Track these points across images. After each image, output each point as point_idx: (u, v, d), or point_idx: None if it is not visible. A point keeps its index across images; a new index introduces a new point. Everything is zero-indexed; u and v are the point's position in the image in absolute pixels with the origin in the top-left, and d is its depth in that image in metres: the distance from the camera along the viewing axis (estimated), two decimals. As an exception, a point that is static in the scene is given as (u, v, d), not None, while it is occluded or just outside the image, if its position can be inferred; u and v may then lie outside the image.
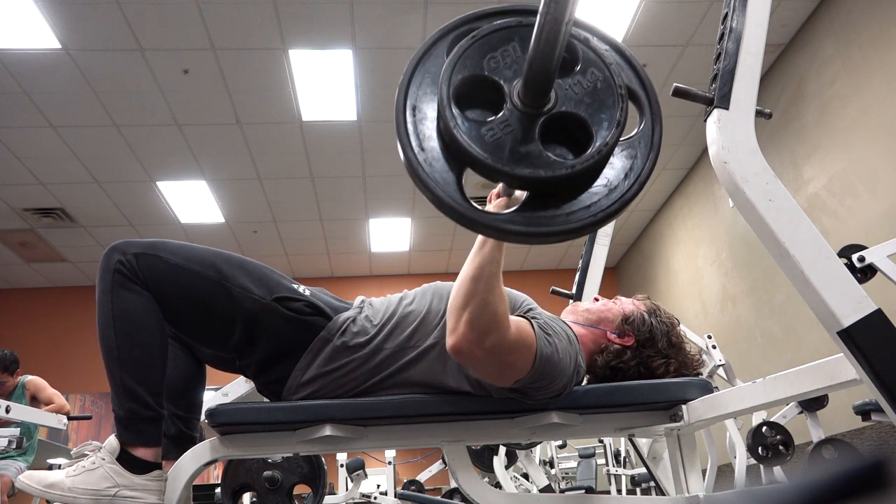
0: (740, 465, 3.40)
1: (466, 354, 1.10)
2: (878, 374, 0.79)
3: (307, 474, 2.12)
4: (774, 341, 5.30)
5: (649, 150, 0.81)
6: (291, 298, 1.28)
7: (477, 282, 1.09)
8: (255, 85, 4.97)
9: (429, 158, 0.75)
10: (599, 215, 0.77)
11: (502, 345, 1.09)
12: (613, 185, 0.79)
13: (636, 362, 1.37)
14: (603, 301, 1.48)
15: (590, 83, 0.78)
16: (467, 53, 0.77)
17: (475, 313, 1.08)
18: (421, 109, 0.78)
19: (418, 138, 0.76)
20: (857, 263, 2.53)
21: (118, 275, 1.23)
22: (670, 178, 6.82)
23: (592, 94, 0.78)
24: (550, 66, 0.71)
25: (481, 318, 1.07)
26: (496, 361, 1.12)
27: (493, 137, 0.74)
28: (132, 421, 1.22)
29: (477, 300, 1.08)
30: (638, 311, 1.42)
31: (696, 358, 1.45)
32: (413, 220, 7.28)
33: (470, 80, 0.76)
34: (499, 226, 0.76)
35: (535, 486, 3.67)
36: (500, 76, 0.77)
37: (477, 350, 1.08)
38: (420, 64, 0.80)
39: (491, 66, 0.77)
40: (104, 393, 7.63)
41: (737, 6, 0.95)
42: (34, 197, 6.17)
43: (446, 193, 0.74)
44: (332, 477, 4.35)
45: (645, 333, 1.39)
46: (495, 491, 1.36)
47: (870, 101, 4.16)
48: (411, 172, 0.75)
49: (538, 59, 0.71)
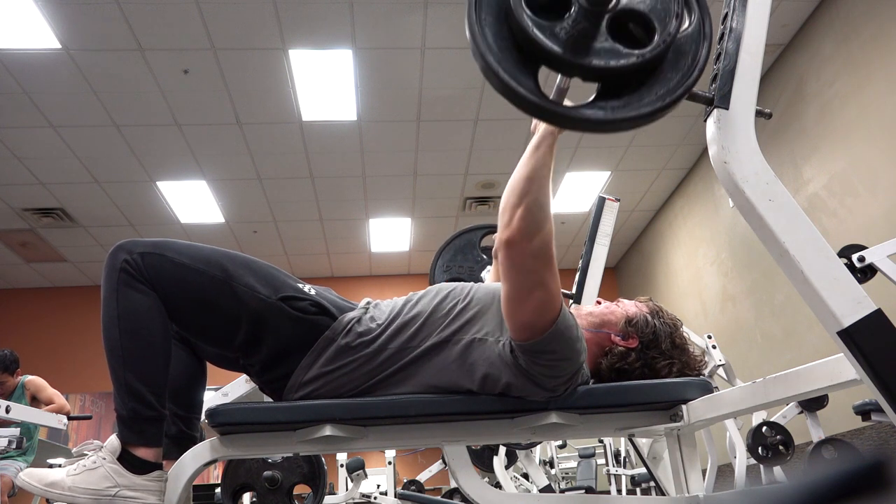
0: (740, 465, 3.40)
1: (517, 249, 1.14)
2: (878, 374, 0.79)
3: (307, 474, 2.12)
4: (774, 341, 5.30)
5: (702, 40, 0.88)
6: (297, 298, 1.28)
7: (531, 182, 1.15)
8: (255, 85, 4.97)
9: (505, 62, 0.81)
10: (668, 99, 0.83)
11: (547, 250, 1.15)
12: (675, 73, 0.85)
13: (640, 364, 1.37)
14: (605, 304, 1.48)
15: None
16: None
17: (529, 209, 1.13)
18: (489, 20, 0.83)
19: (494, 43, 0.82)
20: (857, 263, 2.53)
21: (124, 274, 1.23)
22: (670, 178, 6.82)
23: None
24: None
25: (535, 216, 1.14)
26: (537, 271, 1.15)
27: (566, 35, 0.80)
28: (134, 420, 1.22)
29: (531, 198, 1.14)
30: (641, 313, 1.42)
31: (700, 358, 1.45)
32: (413, 220, 7.28)
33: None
34: (580, 116, 0.81)
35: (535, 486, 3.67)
36: None
37: (527, 246, 1.14)
38: None
39: None
40: (104, 393, 7.63)
41: (737, 6, 0.95)
42: (34, 197, 6.18)
43: (527, 91, 0.79)
44: (332, 477, 4.35)
45: (649, 335, 1.39)
46: (495, 491, 1.36)
47: (870, 101, 4.16)
48: (492, 76, 0.80)
49: None
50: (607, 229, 2.36)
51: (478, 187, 6.69)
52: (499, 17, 0.83)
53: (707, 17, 0.89)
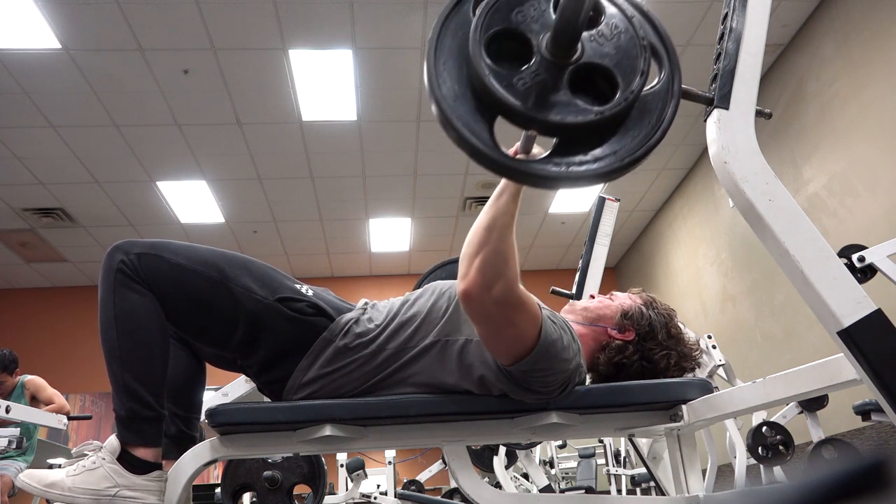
0: (740, 465, 3.40)
1: (475, 301, 1.11)
2: (878, 374, 0.79)
3: (307, 474, 2.12)
4: (774, 341, 5.30)
5: (669, 98, 0.86)
6: (294, 299, 1.28)
7: (490, 231, 1.11)
8: (255, 85, 4.97)
9: (461, 111, 0.79)
10: (626, 160, 0.80)
11: (510, 296, 1.11)
12: (638, 132, 0.83)
13: (638, 356, 1.38)
14: (599, 298, 1.48)
15: (613, 35, 0.83)
16: (496, 7, 0.80)
17: (487, 259, 1.10)
18: (450, 64, 0.81)
19: (451, 91, 0.79)
20: (857, 263, 2.53)
21: (120, 274, 1.23)
22: (670, 178, 6.82)
23: (616, 45, 0.82)
24: (579, 19, 0.76)
25: (493, 266, 1.09)
26: (503, 315, 1.12)
27: (525, 87, 0.78)
28: (133, 421, 1.22)
29: (489, 248, 1.10)
30: (635, 305, 1.43)
31: (696, 347, 1.46)
32: (413, 220, 7.28)
33: (499, 33, 0.80)
34: (532, 171, 0.79)
35: (535, 486, 3.67)
36: (528, 29, 0.80)
37: (486, 296, 1.10)
38: (448, 20, 0.83)
39: (518, 19, 0.81)
40: (104, 393, 7.62)
41: (737, 6, 0.95)
42: (34, 197, 6.18)
43: (481, 142, 0.77)
44: (332, 477, 4.35)
45: (645, 326, 1.39)
46: (495, 491, 1.36)
47: (870, 101, 4.16)
48: (445, 124, 0.78)
49: (568, 12, 0.75)
50: (607, 229, 2.36)
51: (478, 187, 6.69)
52: (460, 61, 0.80)
53: (677, 75, 0.87)
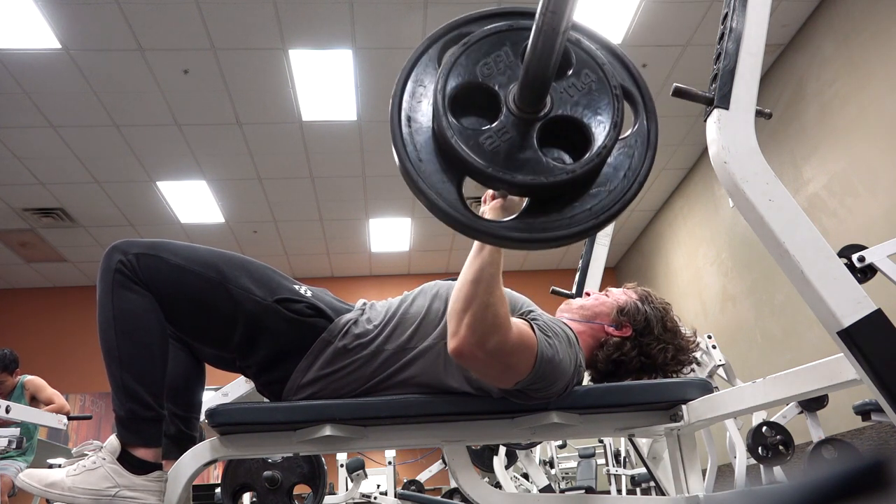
0: (740, 465, 3.40)
1: (469, 357, 1.10)
2: (878, 374, 0.79)
3: (307, 474, 2.12)
4: (774, 341, 5.30)
5: (646, 149, 0.81)
6: (293, 300, 1.28)
7: (477, 285, 1.08)
8: (255, 85, 4.97)
9: (427, 169, 0.75)
10: (601, 217, 0.77)
11: (504, 347, 1.09)
12: (613, 185, 0.78)
13: (636, 352, 1.38)
14: (595, 295, 1.48)
15: (584, 85, 0.78)
16: (459, 61, 0.76)
17: (476, 316, 1.07)
18: (416, 119, 0.76)
19: (416, 149, 0.75)
20: (857, 263, 2.53)
21: (119, 275, 1.23)
22: (670, 178, 6.82)
23: (587, 95, 0.77)
24: (547, 72, 0.71)
25: (483, 322, 1.07)
26: (498, 363, 1.12)
27: (492, 145, 0.73)
28: (132, 421, 1.22)
29: (478, 303, 1.08)
30: (631, 301, 1.43)
31: (692, 339, 1.46)
32: (413, 220, 7.28)
33: (464, 87, 0.75)
34: (502, 234, 0.76)
35: (535, 486, 3.67)
36: (495, 82, 0.76)
37: (479, 353, 1.08)
38: (412, 73, 0.79)
39: (484, 72, 0.76)
40: (104, 393, 7.62)
41: (737, 6, 0.95)
42: (34, 197, 6.17)
43: (448, 203, 0.74)
44: (332, 477, 4.35)
45: (641, 322, 1.39)
46: (495, 491, 1.36)
47: (870, 101, 4.16)
48: (411, 184, 0.74)
49: (534, 66, 0.70)
50: (607, 229, 2.36)
51: (478, 187, 6.68)
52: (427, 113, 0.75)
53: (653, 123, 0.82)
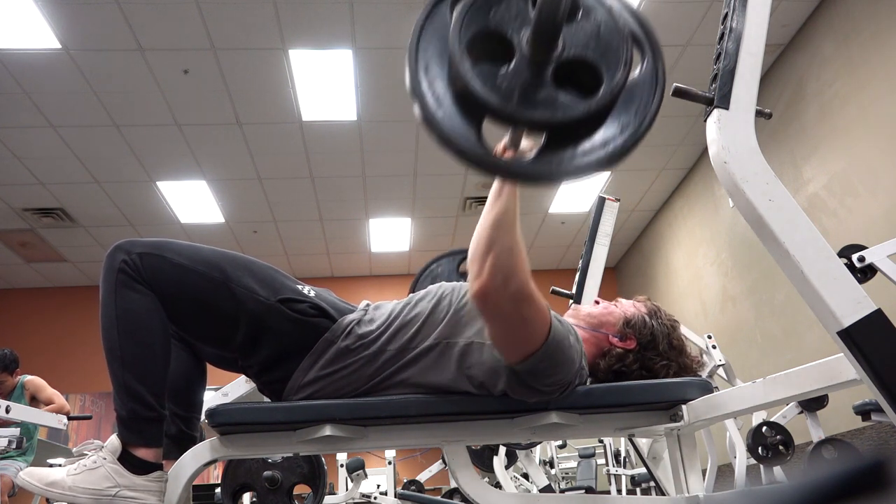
0: (740, 465, 3.40)
1: (492, 298, 1.11)
2: (878, 374, 0.79)
3: (307, 474, 2.12)
4: (774, 341, 5.30)
5: (654, 86, 0.84)
6: (296, 300, 1.28)
7: (498, 229, 1.10)
8: (255, 85, 4.97)
9: (447, 114, 0.77)
10: (615, 152, 0.79)
11: (524, 291, 1.10)
12: (626, 122, 0.81)
13: (638, 365, 1.37)
14: (604, 304, 1.48)
15: (594, 27, 0.81)
16: (473, 8, 0.79)
17: (500, 257, 1.09)
18: (432, 69, 0.79)
19: (435, 96, 0.78)
20: (857, 263, 2.53)
21: (122, 274, 1.23)
22: (670, 178, 6.82)
23: (597, 37, 0.80)
24: (558, 15, 0.74)
25: (506, 263, 1.09)
26: (517, 312, 1.12)
27: (508, 87, 0.76)
28: (134, 421, 1.22)
29: (499, 245, 1.10)
30: (639, 314, 1.42)
31: (697, 359, 1.45)
32: (413, 220, 7.28)
33: (479, 34, 0.78)
34: (523, 170, 0.79)
35: (535, 486, 3.67)
36: (508, 28, 0.79)
37: (502, 293, 1.10)
38: (426, 24, 0.82)
39: (497, 19, 0.79)
40: (104, 393, 7.62)
41: (737, 6, 0.95)
42: (34, 197, 6.17)
43: (469, 145, 0.76)
44: (332, 477, 4.35)
45: (647, 336, 1.39)
46: (495, 491, 1.36)
47: (870, 101, 4.16)
48: (433, 129, 0.76)
49: (546, 9, 0.74)
50: (607, 229, 2.36)
51: (478, 187, 6.69)
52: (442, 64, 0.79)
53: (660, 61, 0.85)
